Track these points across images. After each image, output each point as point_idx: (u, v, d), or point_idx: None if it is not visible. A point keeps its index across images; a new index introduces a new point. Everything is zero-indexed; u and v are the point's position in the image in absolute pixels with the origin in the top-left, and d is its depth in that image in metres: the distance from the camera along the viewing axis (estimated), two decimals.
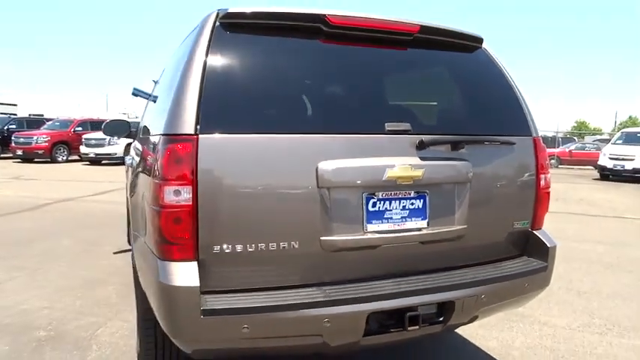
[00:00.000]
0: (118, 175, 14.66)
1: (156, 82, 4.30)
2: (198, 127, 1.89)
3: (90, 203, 9.39)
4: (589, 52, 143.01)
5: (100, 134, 19.74)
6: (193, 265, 1.89)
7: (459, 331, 3.42)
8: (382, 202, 2.15)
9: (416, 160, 2.17)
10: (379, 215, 2.14)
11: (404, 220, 2.19)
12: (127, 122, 5.19)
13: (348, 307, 1.97)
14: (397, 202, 2.17)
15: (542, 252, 2.51)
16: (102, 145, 19.11)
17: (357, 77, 2.34)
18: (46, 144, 19.89)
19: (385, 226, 2.15)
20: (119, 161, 18.99)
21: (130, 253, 5.48)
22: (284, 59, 2.22)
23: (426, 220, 2.23)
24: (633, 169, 16.45)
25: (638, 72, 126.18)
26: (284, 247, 1.99)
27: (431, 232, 2.23)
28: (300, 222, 2.02)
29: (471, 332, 3.43)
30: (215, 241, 1.92)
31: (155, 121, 2.72)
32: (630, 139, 17.85)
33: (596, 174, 18.08)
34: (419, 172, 2.15)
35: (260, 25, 2.16)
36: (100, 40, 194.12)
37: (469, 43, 2.58)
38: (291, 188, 2.02)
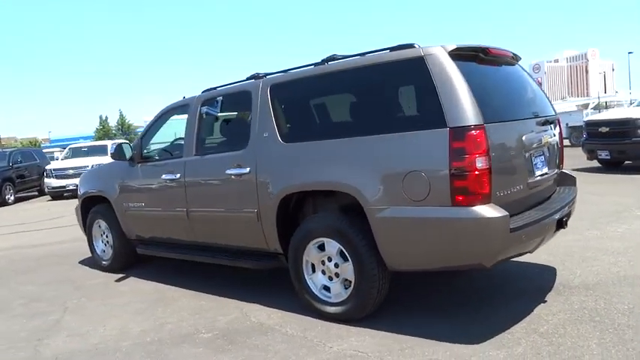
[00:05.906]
0: None
1: (212, 111, 4.66)
2: (483, 119, 3.04)
3: None
4: None
5: None
6: (494, 205, 3.03)
7: None
8: (535, 158, 3.61)
9: (544, 132, 3.69)
10: (535, 166, 3.59)
11: (541, 168, 3.68)
12: (129, 146, 5.44)
13: (555, 216, 3.41)
14: (538, 157, 3.66)
15: (571, 181, 4.31)
16: None
17: (512, 84, 3.77)
18: None
19: (539, 172, 3.63)
20: None
21: (128, 277, 5.44)
22: (486, 74, 3.50)
23: (547, 167, 3.77)
24: None
25: None
26: (517, 189, 3.30)
27: (549, 174, 3.79)
28: (522, 172, 3.36)
29: None
30: (497, 189, 3.09)
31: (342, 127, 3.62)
32: None
33: None
34: (548, 139, 3.69)
35: (464, 54, 3.36)
36: None
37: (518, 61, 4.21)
38: (518, 152, 3.34)
